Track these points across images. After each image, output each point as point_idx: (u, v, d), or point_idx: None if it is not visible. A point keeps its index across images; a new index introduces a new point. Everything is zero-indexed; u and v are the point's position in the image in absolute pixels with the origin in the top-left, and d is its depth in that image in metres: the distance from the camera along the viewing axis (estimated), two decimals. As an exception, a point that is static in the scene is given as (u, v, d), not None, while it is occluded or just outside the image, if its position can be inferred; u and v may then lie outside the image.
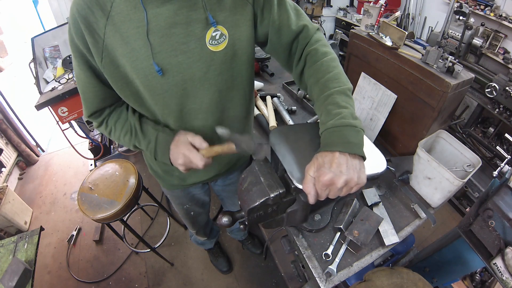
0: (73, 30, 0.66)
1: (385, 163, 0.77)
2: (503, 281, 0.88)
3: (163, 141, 0.80)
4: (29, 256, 1.27)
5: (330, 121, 0.64)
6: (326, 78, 0.72)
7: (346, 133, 0.61)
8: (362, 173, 0.61)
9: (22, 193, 2.67)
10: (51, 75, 2.10)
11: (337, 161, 0.59)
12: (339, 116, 0.63)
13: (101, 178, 1.57)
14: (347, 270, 0.93)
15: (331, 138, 0.62)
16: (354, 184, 0.60)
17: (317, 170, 0.60)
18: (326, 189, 0.61)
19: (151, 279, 1.96)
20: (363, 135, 0.64)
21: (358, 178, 0.60)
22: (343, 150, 0.60)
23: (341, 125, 0.62)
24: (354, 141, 0.61)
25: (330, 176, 0.58)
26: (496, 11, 2.40)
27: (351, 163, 0.60)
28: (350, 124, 0.62)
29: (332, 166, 0.59)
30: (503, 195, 0.93)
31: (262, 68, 1.98)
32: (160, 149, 0.80)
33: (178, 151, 0.76)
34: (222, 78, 0.78)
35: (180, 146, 0.76)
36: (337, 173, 0.58)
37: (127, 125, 0.83)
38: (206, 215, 1.53)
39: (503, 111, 2.04)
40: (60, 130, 2.26)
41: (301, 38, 0.81)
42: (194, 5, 0.68)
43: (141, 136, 0.82)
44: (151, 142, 0.81)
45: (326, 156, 0.60)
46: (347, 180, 0.59)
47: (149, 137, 0.82)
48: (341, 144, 0.60)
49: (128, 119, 0.84)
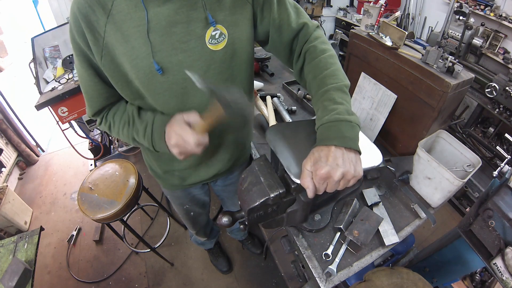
0: (74, 29, 0.66)
1: (381, 157, 0.78)
2: (503, 281, 0.88)
3: (160, 121, 0.77)
4: (29, 256, 1.27)
5: (325, 116, 0.65)
6: (323, 75, 0.72)
7: (341, 128, 0.62)
8: (359, 165, 0.62)
9: (22, 193, 2.67)
10: (51, 75, 2.10)
11: (333, 154, 0.60)
12: (334, 112, 0.64)
13: (101, 178, 1.57)
14: (347, 270, 0.93)
15: (326, 132, 0.63)
16: (351, 176, 0.61)
17: (314, 164, 0.61)
18: (324, 183, 0.61)
19: (151, 279, 1.96)
20: (359, 130, 0.65)
21: (354, 170, 0.61)
22: (339, 144, 0.61)
23: (336, 120, 0.63)
24: (349, 136, 0.62)
25: (327, 169, 0.59)
26: (496, 11, 2.40)
27: (347, 156, 0.61)
28: (345, 119, 0.63)
29: (328, 160, 0.60)
30: (503, 195, 0.93)
31: (262, 68, 1.98)
32: (156, 133, 0.77)
33: (171, 129, 0.72)
34: (222, 77, 0.79)
35: (174, 125, 0.71)
36: (334, 166, 0.59)
37: (125, 116, 0.82)
38: (206, 215, 1.53)
39: (503, 111, 2.04)
40: (60, 130, 2.25)
41: (301, 35, 0.81)
42: (194, 4, 0.68)
43: (138, 123, 0.80)
44: (147, 127, 0.78)
45: (322, 150, 0.62)
46: (344, 173, 0.59)
47: (145, 123, 0.79)
48: (337, 138, 0.61)
49: (126, 109, 0.83)
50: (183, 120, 0.71)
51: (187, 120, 0.71)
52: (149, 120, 0.79)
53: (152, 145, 0.80)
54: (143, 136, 0.80)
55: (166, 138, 0.74)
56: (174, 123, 0.72)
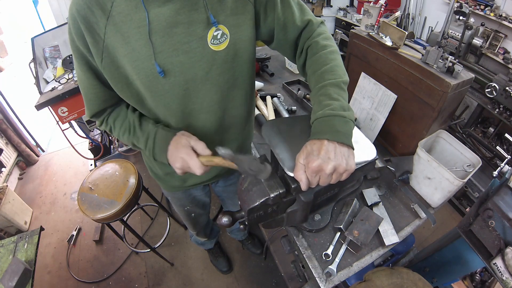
0: (73, 31, 0.65)
1: (375, 151, 0.78)
2: (503, 281, 0.88)
3: (162, 138, 0.78)
4: (29, 256, 1.27)
5: (320, 111, 0.66)
6: (322, 70, 0.73)
7: (335, 123, 0.63)
8: (351, 159, 0.63)
9: (22, 193, 2.67)
10: (51, 75, 2.10)
11: (325, 148, 0.61)
12: (329, 107, 0.65)
13: (101, 178, 1.57)
14: (347, 270, 0.93)
15: (320, 127, 0.64)
16: (343, 170, 0.62)
17: (306, 157, 0.62)
18: (316, 176, 0.63)
19: (151, 279, 1.96)
20: (353, 126, 0.66)
21: (346, 164, 0.62)
22: (331, 139, 0.62)
23: (330, 115, 0.64)
24: (342, 130, 0.63)
25: (318, 162, 0.60)
26: (496, 11, 2.40)
27: (339, 150, 0.62)
28: (339, 115, 0.64)
29: (320, 153, 0.61)
30: (503, 195, 0.93)
31: (262, 68, 1.98)
32: (158, 148, 0.79)
33: (178, 154, 0.73)
34: (223, 78, 0.78)
35: (180, 149, 0.72)
36: (325, 159, 0.60)
37: (126, 123, 0.83)
38: (206, 216, 1.53)
39: (503, 111, 2.04)
40: (60, 130, 2.25)
41: (305, 32, 0.82)
42: (195, 4, 0.68)
43: (139, 133, 0.81)
44: (149, 139, 0.79)
45: (315, 143, 0.63)
46: (335, 166, 0.61)
47: (147, 135, 0.80)
48: (330, 132, 0.62)
49: (127, 117, 0.83)
50: (189, 146, 0.72)
51: (194, 147, 0.72)
52: (151, 133, 0.79)
53: (153, 156, 0.81)
54: (144, 147, 0.81)
55: (169, 159, 0.76)
56: (180, 147, 0.73)
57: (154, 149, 0.79)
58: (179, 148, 0.73)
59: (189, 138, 0.74)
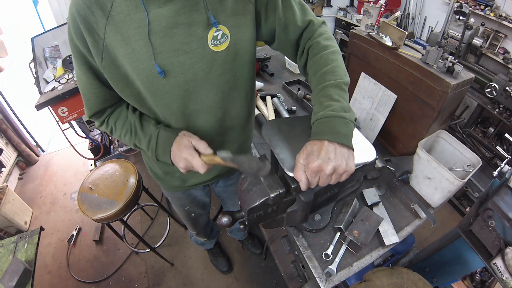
0: (73, 31, 0.65)
1: (374, 153, 0.78)
2: (503, 281, 0.88)
3: (164, 140, 0.78)
4: (29, 256, 1.27)
5: (320, 112, 0.66)
6: (323, 71, 0.73)
7: (335, 124, 0.64)
8: (351, 160, 0.64)
9: (22, 193, 2.67)
10: (51, 75, 2.10)
11: (326, 148, 0.61)
12: (329, 108, 0.65)
13: (101, 178, 1.57)
14: (347, 270, 0.93)
15: (320, 127, 0.65)
16: (343, 171, 0.62)
17: (306, 158, 0.63)
18: (316, 176, 0.63)
19: (151, 279, 1.96)
20: (353, 127, 0.67)
21: (346, 165, 0.62)
22: (332, 139, 0.62)
23: (330, 116, 0.64)
24: (342, 132, 0.63)
25: (318, 162, 0.60)
26: (496, 11, 2.40)
27: (339, 151, 0.62)
28: (339, 116, 0.64)
29: (320, 154, 0.61)
30: (503, 195, 0.93)
31: (262, 68, 1.98)
32: (161, 149, 0.79)
33: (181, 155, 0.73)
34: (224, 78, 0.78)
35: (183, 150, 0.73)
36: (325, 160, 0.60)
37: (127, 124, 0.83)
38: (206, 216, 1.53)
39: (503, 111, 2.04)
40: (60, 130, 2.26)
41: (306, 32, 0.82)
42: (196, 5, 0.67)
43: (141, 135, 0.81)
44: (151, 141, 0.80)
45: (315, 144, 0.63)
46: (335, 167, 0.61)
47: (149, 136, 0.80)
48: (330, 133, 0.63)
49: (128, 117, 0.83)
50: (191, 146, 0.73)
51: (196, 147, 0.73)
52: (153, 134, 0.80)
53: (155, 157, 0.81)
54: (147, 148, 0.82)
55: (173, 160, 0.77)
56: (182, 147, 0.73)
57: (157, 150, 0.80)
58: (182, 148, 0.73)
59: (191, 138, 0.74)
